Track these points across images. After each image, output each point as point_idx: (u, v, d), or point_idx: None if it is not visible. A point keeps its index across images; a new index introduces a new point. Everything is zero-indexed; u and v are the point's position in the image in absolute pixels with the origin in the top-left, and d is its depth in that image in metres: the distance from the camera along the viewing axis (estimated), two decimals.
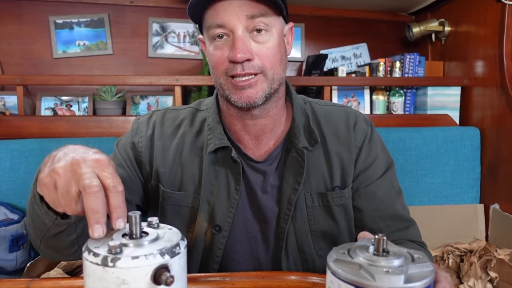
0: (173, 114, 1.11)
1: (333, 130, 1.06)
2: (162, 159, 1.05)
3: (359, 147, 1.05)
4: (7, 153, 1.92)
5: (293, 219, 1.01)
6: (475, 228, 2.10)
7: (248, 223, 1.04)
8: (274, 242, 1.03)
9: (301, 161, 0.99)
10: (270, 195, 1.03)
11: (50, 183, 0.65)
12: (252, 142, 1.04)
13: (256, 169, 1.03)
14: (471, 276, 1.85)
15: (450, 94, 2.31)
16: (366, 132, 1.07)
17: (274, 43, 0.94)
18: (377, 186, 1.04)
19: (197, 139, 1.05)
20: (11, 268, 1.72)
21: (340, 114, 1.09)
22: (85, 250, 0.54)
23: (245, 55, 0.89)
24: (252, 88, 0.93)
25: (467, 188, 2.16)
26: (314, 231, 1.02)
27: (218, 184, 1.01)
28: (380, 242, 0.54)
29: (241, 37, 0.90)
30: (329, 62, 2.69)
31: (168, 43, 2.66)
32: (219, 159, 1.02)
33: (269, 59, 0.93)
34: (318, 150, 1.03)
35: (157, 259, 0.52)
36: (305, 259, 1.02)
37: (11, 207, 1.85)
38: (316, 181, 1.02)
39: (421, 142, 2.12)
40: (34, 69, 2.53)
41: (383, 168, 1.06)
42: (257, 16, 0.90)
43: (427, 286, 0.50)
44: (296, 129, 1.02)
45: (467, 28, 2.26)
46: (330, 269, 0.54)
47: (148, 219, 0.60)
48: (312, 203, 1.02)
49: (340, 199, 1.03)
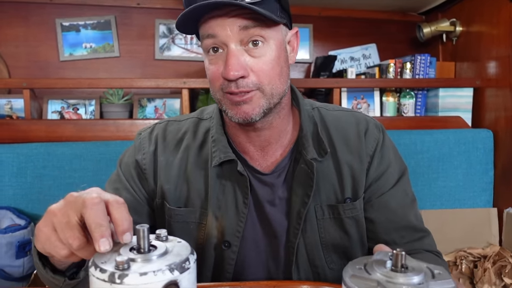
0: (175, 127, 1.07)
1: (343, 138, 1.01)
2: (166, 176, 1.01)
3: (370, 156, 1.00)
4: (13, 158, 1.92)
5: (303, 232, 0.98)
6: (488, 233, 2.07)
7: (257, 238, 1.00)
8: (285, 256, 1.00)
9: (310, 173, 0.95)
10: (279, 208, 0.99)
11: (47, 225, 0.61)
12: (257, 153, 1.00)
13: (263, 181, 0.99)
14: (485, 282, 1.82)
15: (462, 95, 2.28)
16: (378, 139, 1.02)
17: (272, 56, 0.87)
18: (390, 196, 1.01)
19: (201, 152, 1.01)
20: (18, 275, 1.71)
21: (350, 120, 1.04)
22: (92, 265, 0.52)
23: (238, 72, 0.83)
24: (247, 104, 0.88)
25: (480, 191, 2.13)
26: (325, 244, 0.99)
27: (225, 199, 0.98)
28: (398, 257, 0.52)
29: (234, 53, 0.84)
30: (338, 63, 2.67)
31: (175, 45, 2.65)
32: (225, 172, 0.98)
33: (266, 74, 0.87)
34: (327, 160, 0.99)
35: (166, 275, 0.50)
36: (317, 272, 1.00)
37: (18, 212, 1.85)
38: (326, 193, 0.99)
39: (432, 144, 2.10)
40: (40, 72, 2.54)
41: (396, 176, 1.02)
42: (251, 27, 0.84)
43: None
44: (304, 138, 0.97)
45: (479, 28, 2.23)
46: (347, 286, 0.51)
47: (157, 232, 0.58)
48: (323, 216, 0.98)
49: (351, 211, 0.99)
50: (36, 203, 1.91)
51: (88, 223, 0.56)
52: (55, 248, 0.60)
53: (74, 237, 0.57)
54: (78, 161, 1.92)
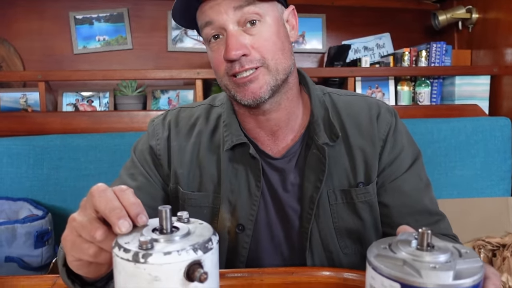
0: (188, 113, 1.08)
1: (355, 123, 1.01)
2: (179, 160, 1.02)
3: (383, 140, 1.00)
4: (30, 150, 1.94)
5: (316, 217, 0.98)
6: (507, 222, 2.05)
7: (271, 222, 1.01)
8: (298, 241, 1.00)
9: (322, 158, 0.95)
10: (291, 194, 1.00)
11: (70, 233, 0.62)
12: (268, 138, 1.00)
13: (274, 166, 1.00)
14: (504, 271, 1.81)
15: (479, 83, 2.26)
16: (391, 123, 1.01)
17: (271, 31, 0.89)
18: (404, 180, 1.00)
19: (213, 136, 1.02)
20: (36, 264, 1.74)
21: (362, 104, 1.04)
22: (115, 245, 0.52)
23: (239, 51, 0.85)
24: (253, 82, 0.89)
25: (498, 180, 2.11)
26: (338, 229, 0.99)
27: (238, 182, 0.99)
28: (424, 236, 0.51)
29: (233, 33, 0.86)
30: (351, 53, 2.66)
31: (188, 36, 2.66)
32: (237, 156, 0.99)
33: (268, 50, 0.88)
34: (339, 145, 0.99)
35: (190, 255, 0.50)
36: (331, 258, 0.99)
37: (35, 203, 1.87)
38: (338, 178, 0.98)
39: (449, 133, 2.07)
40: (55, 65, 2.56)
41: (410, 160, 1.01)
42: (245, 6, 0.86)
43: (477, 283, 0.47)
44: (316, 123, 0.97)
45: (496, 15, 2.20)
46: (372, 265, 0.51)
47: (178, 214, 0.58)
48: (336, 201, 0.98)
49: (364, 196, 0.98)
50: (53, 194, 1.93)
51: (101, 210, 0.57)
52: (82, 250, 0.60)
53: (95, 229, 0.57)
54: (93, 152, 1.94)
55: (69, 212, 1.74)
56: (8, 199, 1.86)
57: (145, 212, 0.57)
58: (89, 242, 0.59)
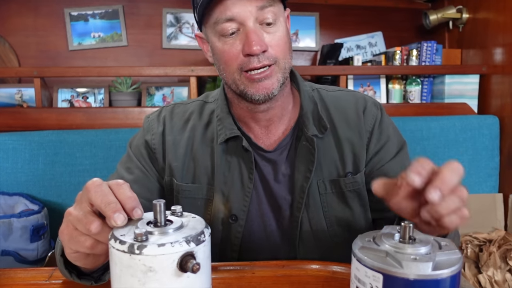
0: (182, 108, 1.12)
1: (342, 116, 1.05)
2: (173, 154, 1.05)
3: (370, 132, 1.04)
4: (25, 145, 1.94)
5: (307, 207, 1.02)
6: (494, 218, 2.09)
7: (263, 212, 1.04)
8: (289, 230, 1.04)
9: (311, 149, 0.99)
10: (283, 184, 1.03)
11: (67, 226, 0.63)
12: (261, 131, 1.04)
13: (267, 158, 1.03)
14: (490, 266, 1.84)
15: (468, 82, 2.28)
16: (376, 116, 1.06)
17: (284, 32, 0.94)
18: (389, 167, 1.04)
19: (206, 131, 1.06)
20: (32, 258, 1.75)
21: (349, 99, 1.09)
22: (111, 238, 0.54)
23: (261, 47, 0.88)
24: (268, 79, 0.93)
25: (485, 177, 2.14)
26: (328, 218, 1.02)
27: (231, 174, 1.02)
28: (406, 229, 0.54)
29: (254, 29, 0.89)
30: (344, 52, 2.67)
31: (182, 34, 2.67)
32: (230, 149, 1.02)
33: (281, 49, 0.93)
34: (328, 137, 1.03)
35: (183, 247, 0.52)
36: (321, 246, 1.03)
37: (31, 198, 1.88)
38: (328, 168, 1.02)
39: (438, 131, 2.10)
40: (50, 61, 2.57)
41: (395, 149, 1.06)
42: (267, 6, 0.90)
43: (455, 273, 0.50)
44: (305, 116, 1.02)
45: (486, 15, 2.23)
46: (356, 257, 0.54)
47: (172, 208, 0.60)
48: (325, 190, 1.02)
49: (353, 185, 1.03)
50: (49, 189, 1.94)
51: (97, 204, 0.59)
52: (79, 243, 0.62)
53: (91, 222, 0.59)
54: (89, 148, 1.95)
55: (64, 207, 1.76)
56: (4, 194, 1.87)
57: (141, 206, 0.59)
58: (85, 235, 0.61)
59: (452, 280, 0.50)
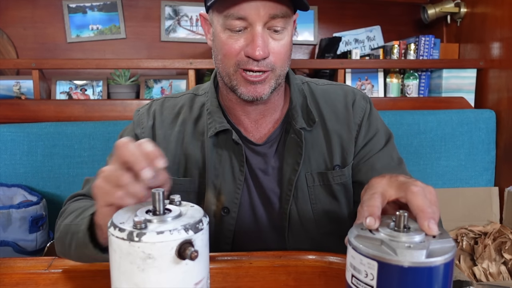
0: (172, 102, 1.12)
1: (331, 109, 1.07)
2: (164, 148, 1.06)
3: (358, 125, 1.06)
4: (24, 137, 1.95)
5: (295, 199, 1.03)
6: (490, 211, 2.10)
7: (254, 205, 1.06)
8: (279, 222, 1.05)
9: (299, 142, 1.01)
10: (272, 177, 1.05)
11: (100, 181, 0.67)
12: (251, 125, 1.05)
13: (257, 151, 1.05)
14: (485, 258, 1.85)
15: (466, 76, 2.29)
16: (365, 109, 1.08)
17: (288, 40, 0.95)
18: (377, 158, 1.06)
19: (197, 124, 1.07)
20: (31, 249, 1.76)
21: (338, 92, 1.10)
22: (111, 225, 0.54)
23: (264, 53, 0.89)
24: (261, 84, 0.94)
25: (482, 171, 2.15)
26: (316, 210, 1.04)
27: (222, 167, 1.03)
28: (401, 218, 0.55)
29: (261, 34, 0.89)
30: (342, 45, 2.68)
31: (181, 26, 2.67)
32: (221, 142, 1.03)
33: (281, 57, 0.94)
34: (317, 130, 1.04)
35: (182, 234, 0.52)
36: (310, 237, 1.04)
37: (29, 189, 1.89)
38: (316, 161, 1.04)
39: (436, 125, 2.11)
40: (48, 53, 2.56)
41: (383, 142, 1.08)
42: (279, 16, 0.90)
43: (449, 261, 0.51)
44: (294, 110, 1.03)
45: (484, 9, 2.24)
46: (352, 245, 0.54)
47: (171, 197, 0.61)
48: (313, 183, 1.04)
49: (340, 178, 1.04)
50: (47, 181, 1.95)
51: (128, 160, 0.62)
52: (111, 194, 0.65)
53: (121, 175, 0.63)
54: (87, 140, 1.95)
55: (63, 198, 1.77)
56: (3, 185, 1.87)
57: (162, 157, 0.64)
58: (117, 186, 0.64)
59: (446, 268, 0.50)
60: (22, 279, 0.85)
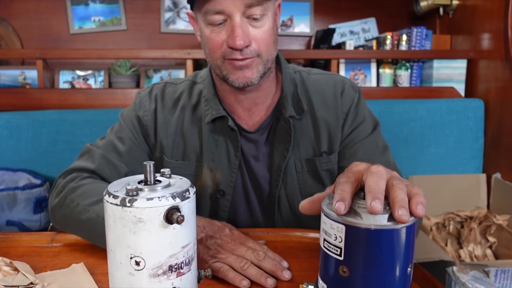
0: (172, 88, 1.16)
1: (321, 98, 1.10)
2: (165, 132, 1.11)
3: (346, 113, 1.09)
4: (29, 123, 2.00)
5: (284, 184, 1.08)
6: (477, 197, 2.14)
7: (247, 188, 1.11)
8: (269, 205, 1.11)
9: (288, 129, 1.05)
10: (262, 163, 1.09)
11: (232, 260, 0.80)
12: (244, 113, 1.09)
13: (249, 138, 1.09)
14: (471, 241, 1.90)
15: (456, 67, 2.32)
16: (353, 98, 1.11)
17: (270, 26, 0.97)
18: (361, 145, 1.09)
19: (195, 111, 1.11)
20: (35, 228, 1.82)
21: (328, 81, 1.13)
22: (106, 193, 0.59)
23: (244, 42, 0.92)
24: (248, 69, 0.97)
25: (470, 158, 2.19)
26: (304, 194, 1.08)
27: (218, 152, 1.08)
28: None
29: (240, 24, 0.92)
30: (338, 37, 2.70)
31: (180, 18, 2.70)
32: (217, 128, 1.08)
33: (265, 43, 0.96)
34: (306, 118, 1.08)
35: (169, 201, 0.57)
36: (299, 220, 1.10)
37: (34, 173, 1.94)
38: (305, 148, 1.08)
39: (425, 113, 2.15)
40: (52, 44, 2.61)
41: (369, 130, 1.11)
42: (255, 5, 0.92)
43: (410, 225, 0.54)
44: (285, 98, 1.06)
45: (474, 2, 2.26)
46: (324, 212, 0.59)
47: (161, 170, 0.65)
48: (302, 169, 1.08)
49: (327, 164, 1.08)
50: (51, 166, 2.00)
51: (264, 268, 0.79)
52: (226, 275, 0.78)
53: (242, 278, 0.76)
54: (89, 127, 2.00)
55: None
56: (8, 170, 1.93)
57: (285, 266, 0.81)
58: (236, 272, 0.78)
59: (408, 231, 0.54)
60: (27, 252, 0.90)
